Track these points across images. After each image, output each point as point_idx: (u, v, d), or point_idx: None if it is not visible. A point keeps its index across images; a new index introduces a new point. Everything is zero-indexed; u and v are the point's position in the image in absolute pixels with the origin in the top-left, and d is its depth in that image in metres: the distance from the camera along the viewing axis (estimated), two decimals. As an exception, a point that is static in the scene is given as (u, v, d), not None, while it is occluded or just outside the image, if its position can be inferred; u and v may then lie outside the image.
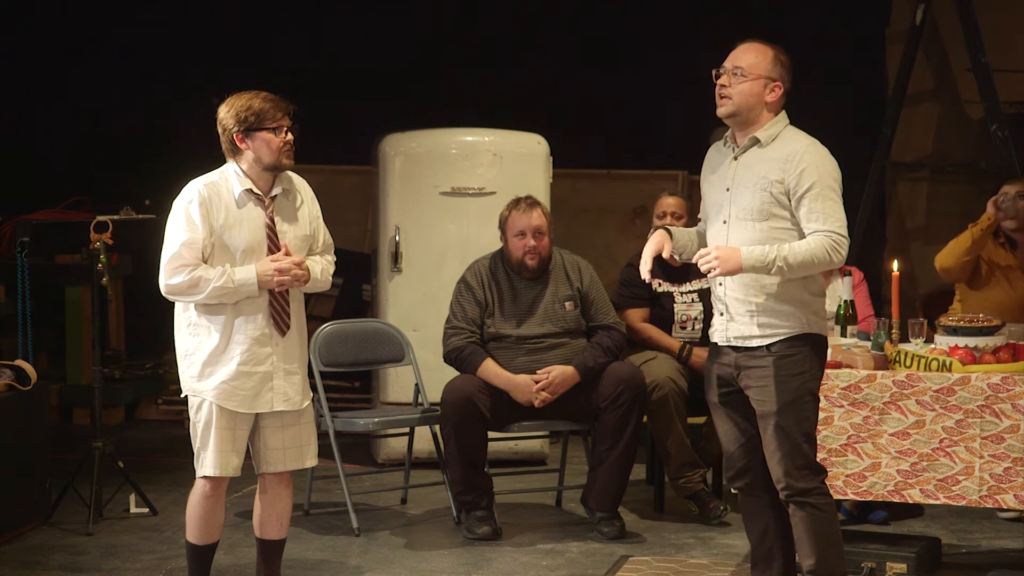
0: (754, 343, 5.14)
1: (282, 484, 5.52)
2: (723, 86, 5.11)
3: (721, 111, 5.14)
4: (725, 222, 5.16)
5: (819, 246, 5.00)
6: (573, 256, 7.11)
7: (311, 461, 5.55)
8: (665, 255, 5.23)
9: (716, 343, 5.28)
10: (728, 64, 5.13)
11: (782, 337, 5.11)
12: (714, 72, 5.16)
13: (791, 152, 5.06)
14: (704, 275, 5.13)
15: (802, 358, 5.12)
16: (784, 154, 5.06)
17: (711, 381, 5.31)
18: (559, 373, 6.81)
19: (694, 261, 5.12)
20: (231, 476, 5.40)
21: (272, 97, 5.37)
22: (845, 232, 5.03)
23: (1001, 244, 7.05)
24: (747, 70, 5.09)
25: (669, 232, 5.26)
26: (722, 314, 5.22)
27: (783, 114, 5.18)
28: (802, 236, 5.06)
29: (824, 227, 5.01)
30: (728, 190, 5.16)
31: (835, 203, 5.04)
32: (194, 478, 5.44)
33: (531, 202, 6.96)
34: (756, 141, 5.12)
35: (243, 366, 5.33)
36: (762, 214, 5.07)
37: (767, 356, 5.11)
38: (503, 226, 7.01)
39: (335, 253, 5.66)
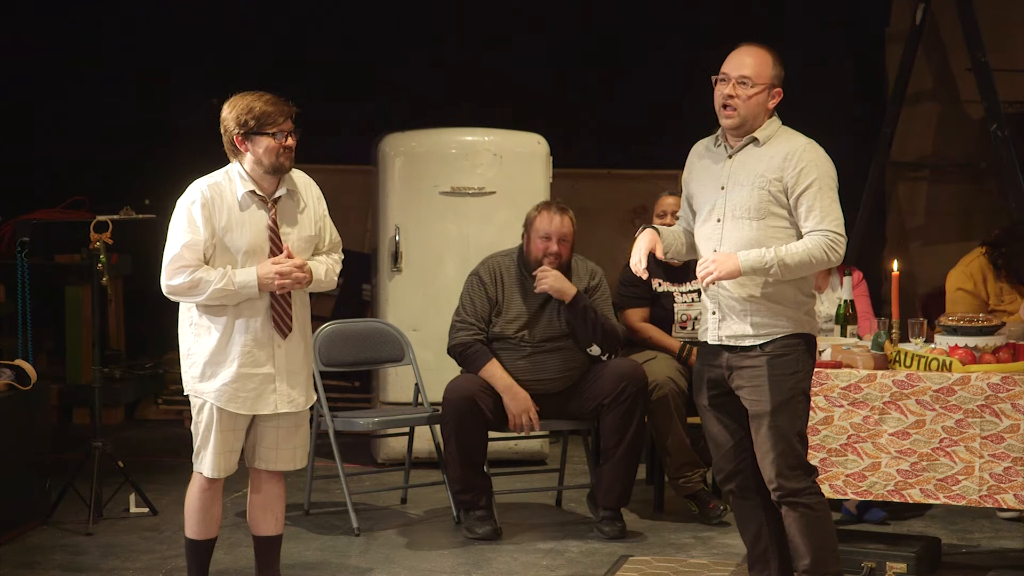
0: (747, 342, 5.13)
1: (274, 480, 5.54)
2: (730, 96, 5.06)
3: (728, 123, 5.09)
4: (719, 220, 5.15)
5: (816, 246, 5.00)
6: (589, 263, 7.08)
7: (301, 463, 5.56)
8: (659, 255, 5.23)
9: (706, 342, 5.27)
10: (733, 72, 5.06)
11: (776, 336, 5.11)
12: (714, 78, 5.13)
13: (790, 151, 5.05)
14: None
15: (795, 358, 5.11)
16: (782, 152, 5.06)
17: (701, 384, 5.30)
18: (558, 276, 6.79)
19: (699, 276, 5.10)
20: (228, 475, 5.43)
21: (274, 100, 5.35)
22: (842, 231, 5.03)
23: (1003, 277, 7.06)
24: (755, 80, 5.05)
25: (657, 231, 5.26)
26: (714, 312, 5.20)
27: (775, 114, 5.18)
28: (799, 234, 5.07)
29: (821, 226, 5.00)
30: (723, 188, 5.15)
31: (833, 201, 5.04)
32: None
33: (562, 207, 6.92)
34: (753, 140, 5.12)
35: (243, 368, 5.33)
36: (760, 212, 5.07)
37: (760, 356, 5.11)
38: (529, 225, 6.96)
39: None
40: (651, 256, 7.30)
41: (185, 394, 5.46)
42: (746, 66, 5.06)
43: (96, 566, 6.34)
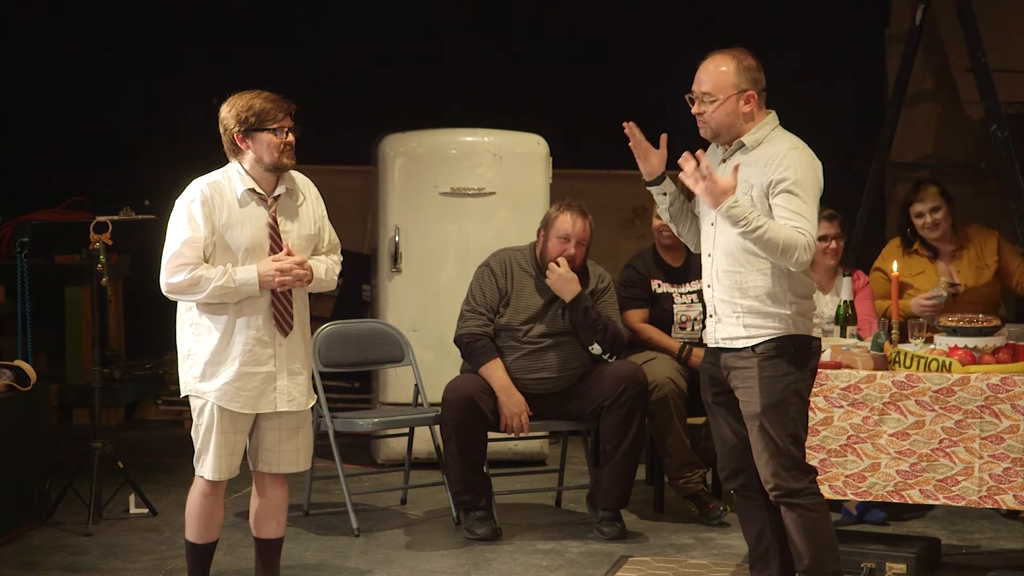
0: (740, 344, 5.15)
1: (277, 483, 5.53)
2: (699, 113, 5.15)
3: (702, 133, 5.19)
4: (712, 224, 5.19)
5: (795, 240, 4.97)
6: (598, 268, 7.08)
7: (304, 465, 5.56)
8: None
9: (707, 345, 5.30)
10: (696, 89, 5.14)
11: (767, 338, 5.12)
12: (687, 98, 5.17)
13: (772, 155, 5.07)
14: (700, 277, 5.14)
15: (787, 359, 5.11)
16: (766, 157, 5.08)
17: (705, 381, 5.34)
18: (566, 271, 6.80)
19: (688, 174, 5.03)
20: (230, 478, 5.42)
21: (274, 97, 5.35)
22: (815, 235, 5.04)
23: (915, 251, 7.07)
24: (714, 93, 5.10)
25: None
26: (711, 316, 5.25)
27: (772, 115, 5.18)
28: None
29: (798, 225, 5.00)
30: None
31: (808, 205, 5.03)
32: (193, 477, 5.45)
33: (583, 211, 6.93)
34: (742, 145, 5.14)
35: (245, 366, 5.32)
36: None
37: (752, 357, 5.12)
38: (547, 224, 6.95)
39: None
40: (651, 257, 7.37)
41: (184, 396, 5.45)
42: (702, 82, 5.14)
43: (96, 566, 6.35)
